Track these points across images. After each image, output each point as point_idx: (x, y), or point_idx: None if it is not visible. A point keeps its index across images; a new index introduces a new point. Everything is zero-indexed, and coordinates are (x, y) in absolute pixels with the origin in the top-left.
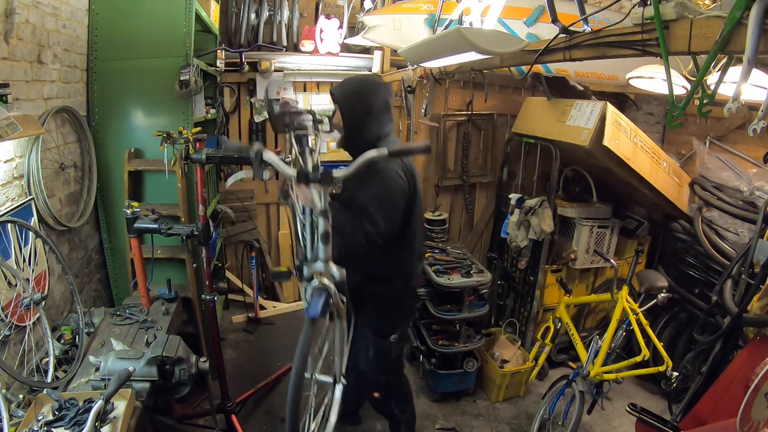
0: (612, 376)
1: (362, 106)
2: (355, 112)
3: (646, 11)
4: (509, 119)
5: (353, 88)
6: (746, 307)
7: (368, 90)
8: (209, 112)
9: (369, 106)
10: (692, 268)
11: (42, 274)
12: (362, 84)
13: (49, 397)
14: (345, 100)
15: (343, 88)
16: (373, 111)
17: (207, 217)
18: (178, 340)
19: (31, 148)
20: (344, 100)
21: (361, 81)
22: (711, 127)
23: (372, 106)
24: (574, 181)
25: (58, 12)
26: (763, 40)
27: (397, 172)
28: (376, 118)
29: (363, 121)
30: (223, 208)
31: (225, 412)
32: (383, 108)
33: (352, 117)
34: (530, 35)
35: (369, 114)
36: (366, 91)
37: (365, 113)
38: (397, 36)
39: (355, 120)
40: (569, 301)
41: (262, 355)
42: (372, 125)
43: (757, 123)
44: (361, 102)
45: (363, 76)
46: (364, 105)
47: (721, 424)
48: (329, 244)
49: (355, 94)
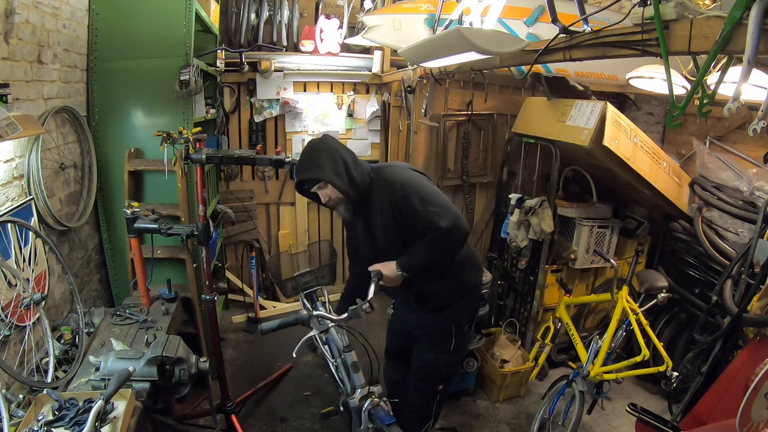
0: (612, 376)
1: (339, 163)
2: (339, 173)
3: (646, 11)
4: (509, 119)
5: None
6: (746, 307)
7: (327, 147)
8: (209, 112)
9: (340, 157)
10: (692, 268)
11: (42, 274)
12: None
13: (49, 397)
14: (326, 174)
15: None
16: (347, 158)
17: (207, 217)
18: (178, 340)
19: (31, 148)
20: (326, 174)
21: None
22: (711, 127)
23: (342, 155)
24: (574, 181)
25: (58, 12)
26: (763, 40)
27: (407, 168)
28: (352, 159)
29: (349, 171)
30: (223, 208)
31: (225, 412)
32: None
33: (341, 179)
34: (530, 35)
35: (346, 163)
36: (327, 149)
37: (345, 165)
38: (397, 36)
39: (345, 177)
40: (569, 301)
41: (262, 355)
42: (355, 167)
43: (757, 123)
44: (335, 161)
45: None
46: (338, 161)
47: (721, 424)
48: (359, 371)
49: (327, 159)
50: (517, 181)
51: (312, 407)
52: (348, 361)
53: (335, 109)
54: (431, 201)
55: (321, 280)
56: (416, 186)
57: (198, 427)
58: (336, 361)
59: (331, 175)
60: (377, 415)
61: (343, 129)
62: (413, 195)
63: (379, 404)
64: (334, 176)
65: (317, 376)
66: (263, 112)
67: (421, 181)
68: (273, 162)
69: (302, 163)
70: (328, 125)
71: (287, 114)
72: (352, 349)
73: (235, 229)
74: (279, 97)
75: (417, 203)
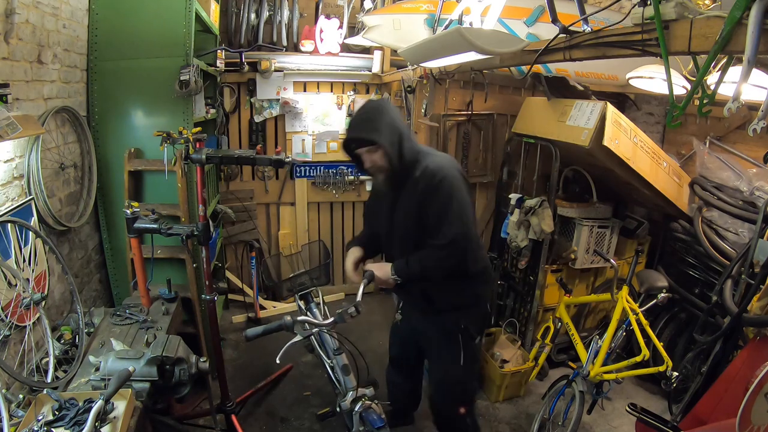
0: (612, 376)
1: (395, 132)
2: (393, 142)
3: (646, 11)
4: (509, 119)
5: (382, 120)
6: (746, 307)
7: (388, 113)
8: (209, 112)
9: (397, 127)
10: (692, 268)
11: (42, 274)
12: (381, 111)
13: (49, 397)
14: (383, 138)
15: (372, 127)
16: (403, 129)
17: (207, 217)
18: (178, 340)
19: (31, 148)
20: (382, 138)
21: (377, 109)
22: (711, 127)
23: (399, 125)
24: (574, 181)
25: (58, 12)
26: (763, 40)
27: (455, 168)
28: (406, 132)
29: (401, 143)
30: (223, 208)
31: (225, 412)
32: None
33: (393, 148)
34: (530, 35)
35: (401, 134)
36: (388, 114)
37: (399, 136)
38: (397, 36)
39: (397, 148)
40: (569, 301)
41: (262, 355)
42: (408, 141)
43: (757, 123)
44: (392, 129)
45: (375, 106)
46: (395, 130)
47: (721, 424)
48: (350, 374)
49: (386, 125)
50: (517, 181)
51: (312, 407)
52: (338, 363)
53: (335, 109)
54: (456, 210)
55: (315, 281)
56: (454, 187)
57: (198, 427)
58: (332, 362)
59: (387, 142)
60: (368, 418)
61: (343, 129)
62: (445, 192)
63: (371, 407)
64: (388, 144)
65: (317, 376)
66: (263, 112)
67: (460, 187)
68: (273, 162)
69: (360, 121)
70: (328, 125)
71: (287, 114)
72: (342, 352)
73: (235, 229)
74: (279, 97)
75: (442, 202)
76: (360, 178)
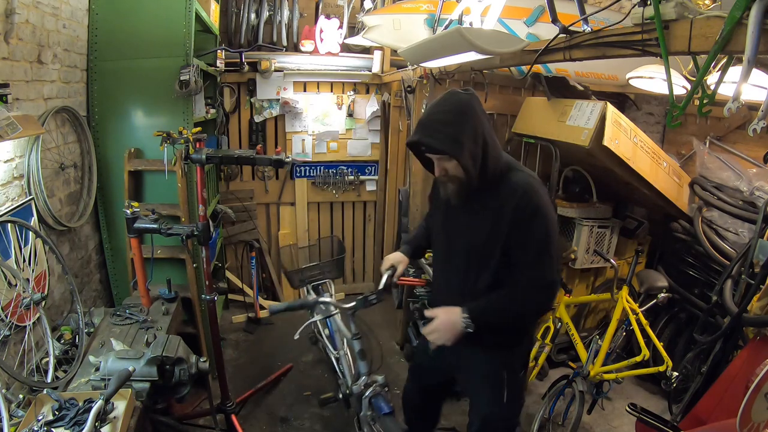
0: (612, 376)
1: (479, 142)
2: (475, 154)
3: (646, 11)
4: (509, 119)
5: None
6: (746, 307)
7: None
8: (209, 112)
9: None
10: (692, 268)
11: (42, 274)
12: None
13: (49, 397)
14: (462, 152)
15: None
16: (488, 138)
17: (207, 217)
18: (178, 340)
19: (31, 148)
20: (460, 152)
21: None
22: (711, 127)
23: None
24: (574, 181)
25: (58, 12)
26: (763, 40)
27: (546, 194)
28: (492, 140)
29: (486, 154)
30: (223, 208)
31: (225, 412)
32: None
33: (474, 161)
34: (530, 35)
35: (486, 144)
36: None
37: (484, 146)
38: (397, 36)
39: (480, 160)
40: (569, 301)
41: (262, 355)
42: (493, 151)
43: (757, 123)
44: (475, 138)
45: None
46: (479, 138)
47: (721, 424)
48: (365, 359)
49: (468, 132)
50: None
51: (312, 407)
52: (356, 348)
53: (335, 109)
54: (554, 244)
55: (327, 274)
56: (550, 218)
57: (198, 427)
58: (338, 353)
59: (466, 155)
60: (377, 404)
61: (343, 129)
62: (543, 222)
63: (380, 393)
64: (468, 157)
65: (317, 376)
66: (263, 112)
67: (554, 215)
68: (273, 162)
69: (437, 123)
70: (328, 125)
71: (287, 114)
72: (361, 337)
73: (235, 229)
74: (279, 97)
75: (543, 233)
76: (360, 177)
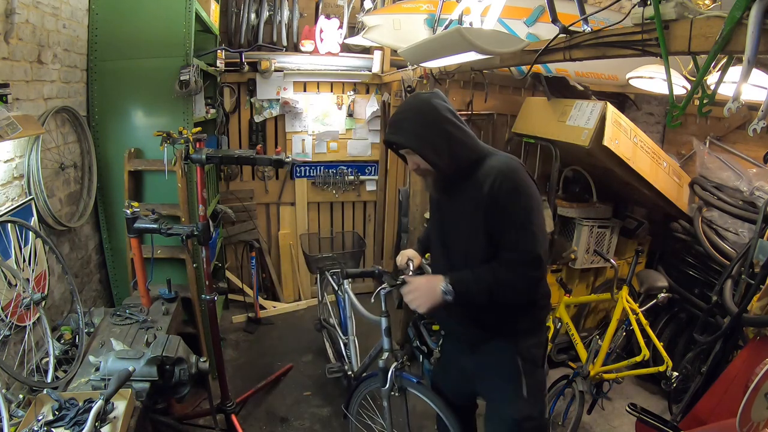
0: (612, 376)
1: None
2: (437, 147)
3: (646, 11)
4: (509, 119)
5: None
6: (746, 307)
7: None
8: (209, 112)
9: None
10: (692, 268)
11: (42, 274)
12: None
13: (49, 397)
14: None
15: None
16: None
17: (207, 217)
18: (178, 340)
19: (31, 148)
20: (415, 143)
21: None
22: (711, 127)
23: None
24: (574, 181)
25: (58, 12)
26: (763, 40)
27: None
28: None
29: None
30: (223, 208)
31: (225, 412)
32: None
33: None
34: (530, 35)
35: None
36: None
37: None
38: (397, 36)
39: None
40: (569, 301)
41: (262, 355)
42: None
43: (757, 123)
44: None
45: (410, 105)
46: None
47: (721, 424)
48: (390, 336)
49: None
50: None
51: (312, 407)
52: (383, 325)
53: (335, 109)
54: (536, 219)
55: (343, 265)
56: (530, 191)
57: (198, 427)
58: (347, 339)
59: (428, 147)
60: (405, 376)
61: (343, 129)
62: (525, 197)
63: (406, 366)
64: (430, 150)
65: (317, 376)
66: (263, 112)
67: (535, 191)
68: (273, 162)
69: (394, 122)
70: (328, 125)
71: (287, 114)
72: (388, 314)
73: (235, 229)
74: (279, 97)
75: (523, 208)
76: (360, 177)
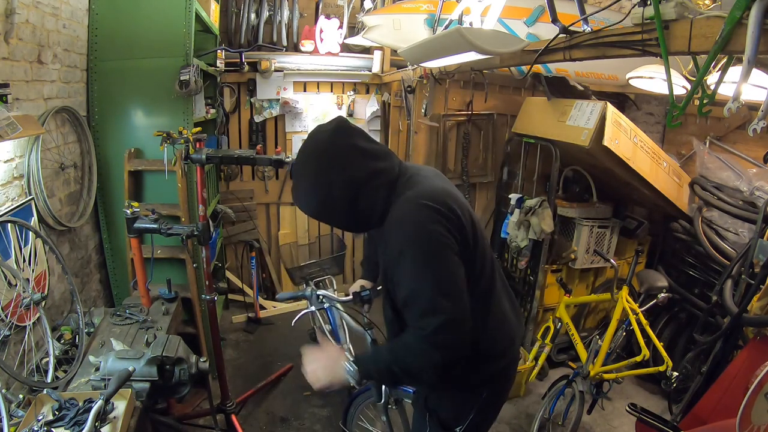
0: (612, 376)
1: (335, 203)
2: (332, 212)
3: (646, 11)
4: (509, 119)
5: (307, 191)
6: (746, 307)
7: (316, 181)
8: (209, 112)
9: (335, 196)
10: (692, 268)
11: (42, 274)
12: (317, 171)
13: (49, 397)
14: (317, 215)
15: (300, 198)
16: (346, 193)
17: (207, 217)
18: (178, 340)
19: (31, 148)
20: (316, 215)
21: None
22: (711, 127)
23: (335, 193)
24: (574, 181)
25: (58, 12)
26: (763, 40)
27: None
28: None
29: (354, 208)
30: (223, 208)
31: (225, 412)
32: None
33: (333, 218)
34: (530, 35)
35: (345, 200)
36: (316, 184)
37: (343, 203)
38: (397, 36)
39: (344, 216)
40: (569, 301)
41: (262, 355)
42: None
43: (757, 123)
44: (329, 189)
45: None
46: (331, 201)
47: (721, 424)
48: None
49: (317, 202)
50: (517, 181)
51: (312, 407)
52: (368, 338)
53: (335, 109)
54: (427, 277)
55: (327, 271)
56: (422, 243)
57: (198, 427)
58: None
59: (338, 218)
60: (399, 388)
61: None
62: (409, 251)
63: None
64: (341, 219)
65: None
66: (263, 112)
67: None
68: (273, 162)
69: (297, 187)
70: None
71: (287, 114)
72: (374, 326)
73: (235, 229)
74: (279, 97)
75: (408, 267)
76: None
